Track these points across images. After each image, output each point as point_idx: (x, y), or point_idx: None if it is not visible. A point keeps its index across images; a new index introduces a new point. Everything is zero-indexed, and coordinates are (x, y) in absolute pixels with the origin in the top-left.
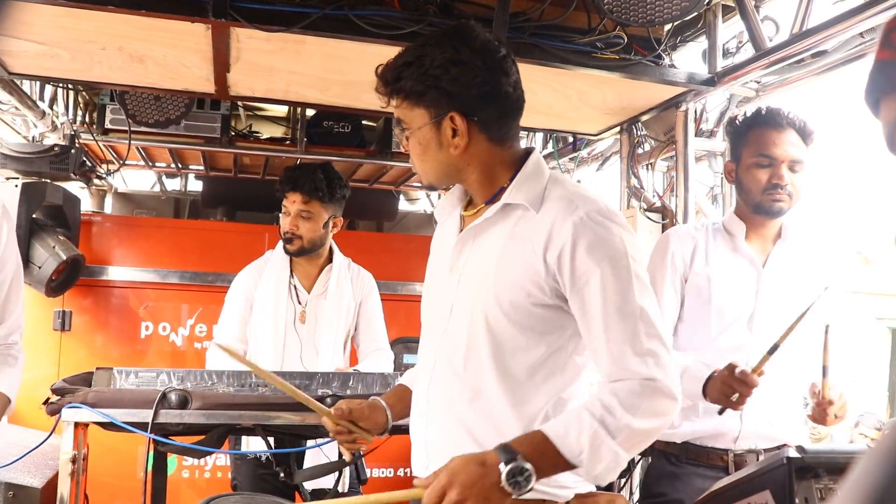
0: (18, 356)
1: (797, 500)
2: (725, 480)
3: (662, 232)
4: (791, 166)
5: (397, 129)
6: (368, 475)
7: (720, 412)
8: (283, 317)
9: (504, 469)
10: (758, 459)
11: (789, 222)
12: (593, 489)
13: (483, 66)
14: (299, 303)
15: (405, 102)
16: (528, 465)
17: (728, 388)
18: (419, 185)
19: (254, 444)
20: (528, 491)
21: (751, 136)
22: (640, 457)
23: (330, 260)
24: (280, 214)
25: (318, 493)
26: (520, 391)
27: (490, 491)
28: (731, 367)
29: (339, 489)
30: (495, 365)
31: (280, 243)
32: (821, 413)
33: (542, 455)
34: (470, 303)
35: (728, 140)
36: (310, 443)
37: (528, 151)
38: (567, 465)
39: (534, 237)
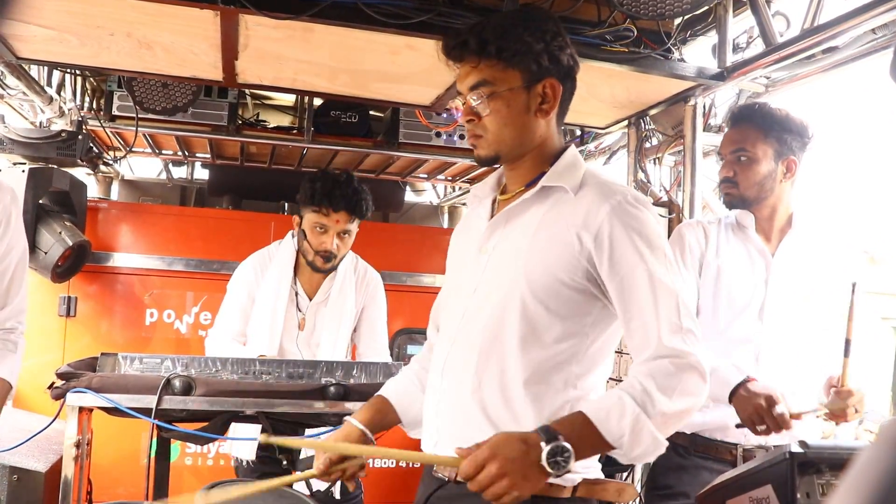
0: (18, 341)
1: (799, 495)
2: (727, 475)
3: (668, 226)
4: (737, 157)
5: (476, 92)
6: (370, 466)
7: (739, 425)
8: (281, 326)
9: (545, 448)
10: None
11: (799, 213)
12: (601, 476)
13: (570, 43)
14: (299, 310)
15: (499, 62)
16: (569, 446)
17: (759, 419)
18: (425, 176)
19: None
20: (567, 472)
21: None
22: None
23: (335, 266)
24: (307, 227)
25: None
26: (537, 373)
27: (530, 469)
28: (771, 401)
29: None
30: (517, 345)
31: (288, 238)
32: (840, 406)
33: (582, 437)
34: (497, 283)
35: None
36: (310, 432)
37: (568, 146)
38: (607, 447)
39: (569, 218)
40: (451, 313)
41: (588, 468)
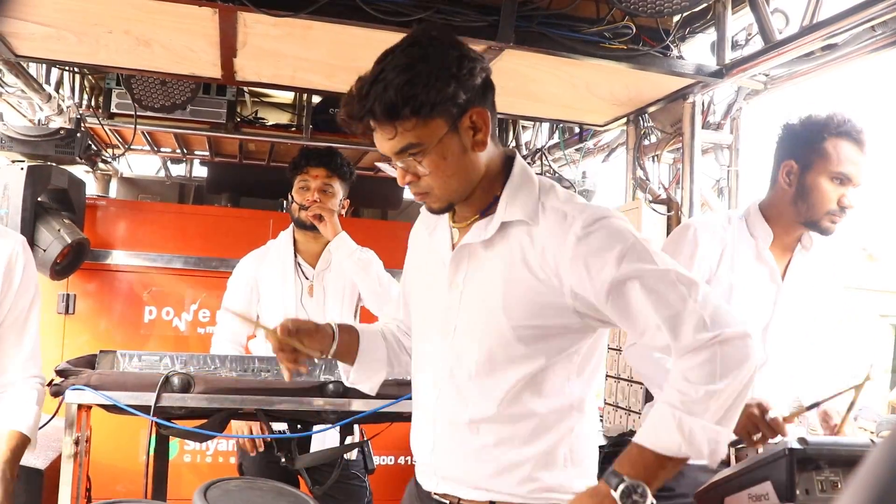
0: (39, 391)
1: (798, 492)
2: (725, 472)
3: (667, 225)
4: (857, 187)
5: (406, 160)
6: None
7: (735, 444)
8: (292, 293)
9: (616, 494)
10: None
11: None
12: None
13: (477, 55)
14: (306, 278)
15: (419, 120)
16: (638, 482)
17: (754, 427)
18: None
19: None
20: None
21: (830, 146)
22: None
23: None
24: (293, 192)
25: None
26: (530, 407)
27: None
28: (762, 408)
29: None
30: (510, 382)
31: (282, 233)
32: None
33: (647, 466)
34: (477, 322)
35: (795, 138)
36: (315, 428)
37: (510, 155)
38: (676, 462)
39: (538, 257)
40: (431, 351)
41: (588, 485)
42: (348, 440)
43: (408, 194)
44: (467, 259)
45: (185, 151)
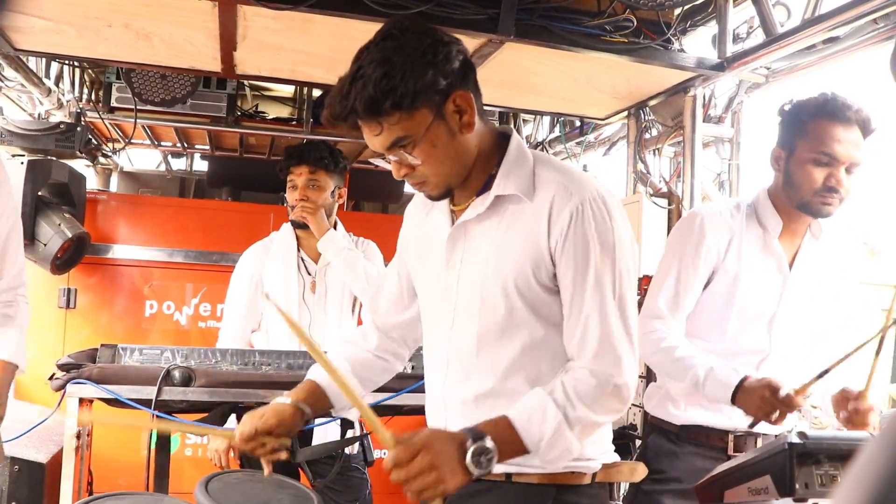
0: (17, 314)
1: (798, 486)
2: (725, 465)
3: (668, 218)
4: (849, 168)
5: (397, 153)
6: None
7: (751, 425)
8: (295, 290)
9: (471, 447)
10: (755, 444)
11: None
12: (617, 458)
13: (451, 39)
14: (308, 274)
15: (403, 113)
16: (493, 447)
17: (770, 407)
18: None
19: None
20: (487, 472)
21: (812, 128)
22: (640, 439)
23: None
24: (286, 191)
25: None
26: (536, 379)
27: (455, 465)
28: (772, 388)
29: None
30: (509, 356)
31: (284, 225)
32: (860, 419)
33: (505, 440)
34: (475, 299)
35: (782, 124)
36: (317, 421)
37: (505, 133)
38: (525, 451)
39: (533, 224)
40: (437, 333)
41: (604, 453)
42: (349, 434)
43: (408, 188)
44: (463, 238)
45: (186, 145)
